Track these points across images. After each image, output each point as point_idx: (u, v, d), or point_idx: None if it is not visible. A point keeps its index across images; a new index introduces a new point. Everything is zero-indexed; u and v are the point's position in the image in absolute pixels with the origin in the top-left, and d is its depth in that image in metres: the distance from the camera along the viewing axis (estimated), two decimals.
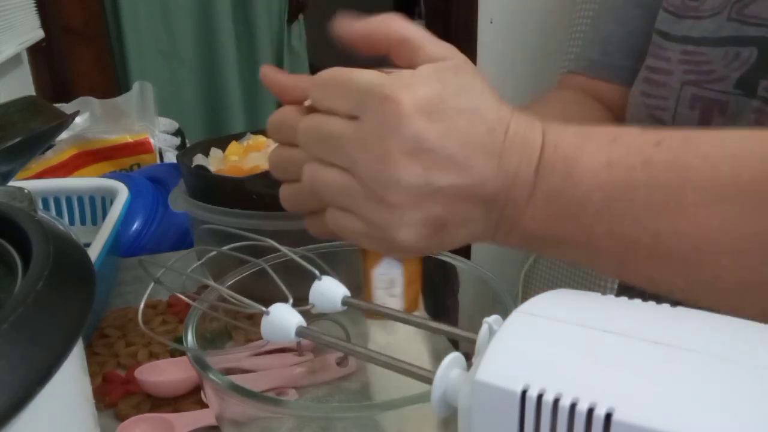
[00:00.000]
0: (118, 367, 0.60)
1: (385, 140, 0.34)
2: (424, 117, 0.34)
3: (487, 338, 0.25)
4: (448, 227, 0.37)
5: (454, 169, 0.35)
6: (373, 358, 0.30)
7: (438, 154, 0.34)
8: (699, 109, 0.53)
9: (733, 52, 0.51)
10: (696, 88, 0.53)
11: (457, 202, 0.36)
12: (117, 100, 1.31)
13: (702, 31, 0.53)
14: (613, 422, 0.20)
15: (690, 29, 0.54)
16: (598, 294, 0.26)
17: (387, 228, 0.36)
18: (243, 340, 0.49)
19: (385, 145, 0.34)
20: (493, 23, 1.78)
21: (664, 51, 0.56)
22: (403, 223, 0.35)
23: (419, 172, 0.34)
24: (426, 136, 0.34)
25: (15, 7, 1.44)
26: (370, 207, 0.36)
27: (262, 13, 2.22)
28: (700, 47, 0.53)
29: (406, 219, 0.35)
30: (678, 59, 0.54)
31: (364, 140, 0.35)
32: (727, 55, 0.51)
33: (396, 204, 0.35)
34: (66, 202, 0.83)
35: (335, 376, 0.55)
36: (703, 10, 0.53)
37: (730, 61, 0.51)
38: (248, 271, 0.46)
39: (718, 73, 0.51)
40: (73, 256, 0.28)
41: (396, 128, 0.34)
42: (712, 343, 0.22)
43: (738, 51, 0.50)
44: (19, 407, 0.21)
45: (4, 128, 0.51)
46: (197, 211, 0.65)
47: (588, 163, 0.35)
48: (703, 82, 0.52)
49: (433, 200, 0.35)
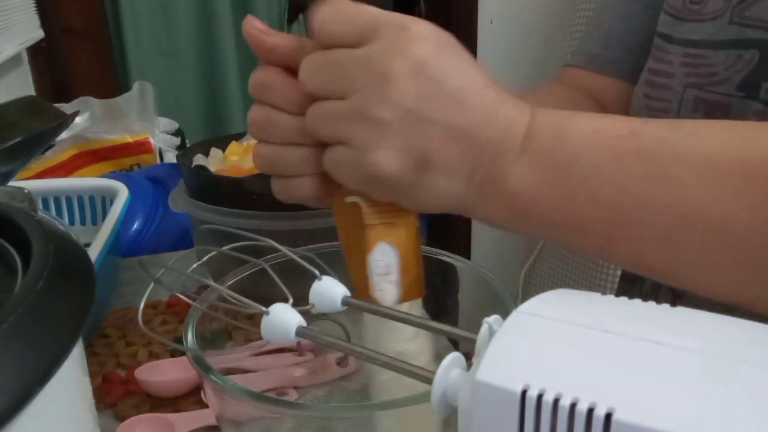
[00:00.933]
0: (118, 367, 0.60)
1: (389, 59, 0.35)
2: (434, 47, 0.35)
3: (487, 338, 0.25)
4: (430, 168, 0.36)
5: (450, 105, 0.35)
6: (373, 358, 0.30)
7: (438, 85, 0.35)
8: (702, 111, 0.53)
9: (735, 55, 0.51)
10: (698, 91, 0.53)
11: (446, 142, 0.36)
12: (117, 100, 1.31)
13: (703, 33, 0.53)
14: (613, 422, 0.20)
15: (691, 32, 0.54)
16: (598, 294, 0.26)
17: (368, 147, 0.36)
18: (243, 340, 0.49)
19: (388, 64, 0.35)
20: (493, 23, 1.78)
21: (667, 54, 0.56)
22: (385, 143, 0.35)
23: (413, 96, 0.35)
24: (431, 63, 0.35)
25: (15, 7, 1.44)
26: (357, 126, 0.36)
27: (262, 13, 2.22)
28: (701, 50, 0.53)
29: (389, 140, 0.35)
30: (680, 62, 0.54)
31: (369, 59, 0.35)
32: (728, 58, 0.51)
33: (382, 121, 0.35)
34: (66, 202, 0.83)
35: (335, 376, 0.55)
36: (704, 12, 0.53)
37: (732, 63, 0.51)
38: (248, 271, 0.46)
39: (720, 76, 0.51)
40: (73, 256, 0.28)
41: (403, 49, 0.35)
42: (712, 343, 0.22)
43: (740, 54, 0.50)
44: (19, 407, 0.21)
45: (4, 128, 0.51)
46: (197, 211, 0.65)
47: (577, 129, 0.36)
48: (706, 85, 0.52)
49: (420, 130, 0.35)
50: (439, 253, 0.47)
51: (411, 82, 0.35)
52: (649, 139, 0.35)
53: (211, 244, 0.59)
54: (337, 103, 0.36)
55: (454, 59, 0.36)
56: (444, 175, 0.36)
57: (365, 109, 0.35)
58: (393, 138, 0.35)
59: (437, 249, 0.48)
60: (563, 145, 0.36)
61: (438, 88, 0.35)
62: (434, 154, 0.36)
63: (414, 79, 0.35)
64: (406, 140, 0.35)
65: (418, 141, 0.35)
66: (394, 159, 0.36)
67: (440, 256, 0.47)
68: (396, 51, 0.35)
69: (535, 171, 0.36)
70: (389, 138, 0.35)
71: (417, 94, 0.35)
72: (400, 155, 0.36)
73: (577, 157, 0.35)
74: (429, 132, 0.35)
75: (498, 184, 0.37)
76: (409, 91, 0.35)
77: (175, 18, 2.12)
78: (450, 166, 0.36)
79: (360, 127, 0.36)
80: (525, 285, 1.81)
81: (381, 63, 0.35)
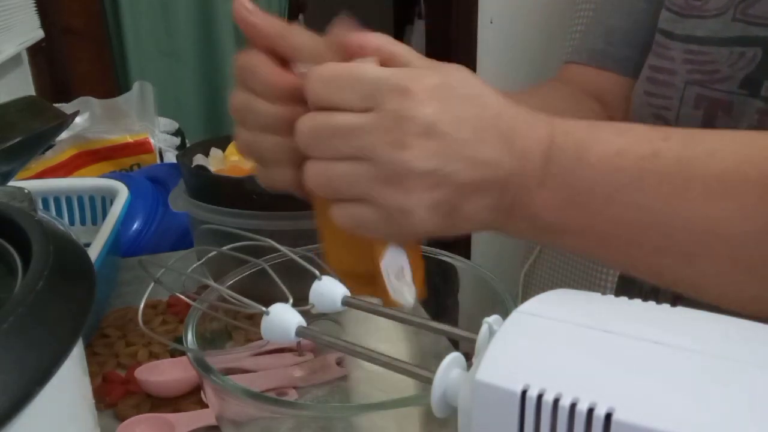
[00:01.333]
0: (118, 367, 0.60)
1: (400, 126, 0.35)
2: (436, 102, 0.35)
3: (487, 338, 0.25)
4: (460, 210, 0.37)
5: (468, 152, 0.36)
6: (373, 358, 0.30)
7: (452, 137, 0.35)
8: (703, 108, 0.53)
9: (738, 52, 0.51)
10: (700, 88, 0.53)
11: (471, 186, 0.36)
12: (117, 100, 1.31)
13: (706, 30, 0.53)
14: (613, 422, 0.20)
15: (694, 28, 0.54)
16: (598, 294, 0.26)
17: (403, 212, 0.36)
18: (243, 340, 0.49)
19: (401, 131, 0.35)
20: (493, 23, 1.78)
21: (668, 50, 0.56)
22: (419, 206, 0.36)
23: (434, 156, 0.35)
24: (440, 119, 0.35)
25: (15, 7, 1.44)
26: (386, 192, 0.36)
27: None
28: (704, 47, 0.53)
29: (422, 202, 0.36)
30: (682, 59, 0.54)
31: (381, 128, 0.35)
32: (731, 55, 0.51)
33: (412, 188, 0.36)
34: (66, 202, 0.83)
35: (335, 376, 0.55)
36: (707, 9, 0.53)
37: (735, 61, 0.51)
38: (248, 271, 0.46)
39: (722, 73, 0.51)
40: (73, 256, 0.28)
41: (410, 114, 0.35)
42: (713, 343, 0.22)
43: (743, 51, 0.50)
44: (19, 407, 0.21)
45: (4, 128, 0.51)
46: (197, 211, 0.65)
47: (599, 149, 0.36)
48: (708, 82, 0.52)
49: (447, 183, 0.36)
50: (439, 253, 0.47)
51: (427, 144, 0.35)
52: (669, 160, 0.35)
53: (211, 244, 0.59)
54: (359, 166, 0.36)
55: (463, 102, 0.36)
56: (473, 212, 0.37)
57: (390, 176, 0.36)
58: (425, 197, 0.36)
59: (437, 249, 0.48)
60: (585, 168, 0.36)
61: (453, 139, 0.35)
62: (461, 200, 0.37)
63: (428, 139, 0.35)
64: (434, 197, 0.36)
65: (444, 194, 0.36)
66: (427, 217, 0.37)
67: (440, 256, 0.47)
68: (403, 116, 0.35)
69: (558, 194, 0.37)
70: (422, 199, 0.36)
71: (435, 154, 0.35)
72: (431, 212, 0.36)
73: (600, 180, 0.36)
74: (453, 182, 0.36)
75: (523, 209, 0.38)
76: (428, 153, 0.35)
77: (175, 18, 2.12)
78: (478, 204, 0.37)
79: (391, 194, 0.36)
80: (525, 285, 1.81)
81: (392, 131, 0.35)
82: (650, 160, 0.35)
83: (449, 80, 0.37)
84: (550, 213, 0.37)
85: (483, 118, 0.36)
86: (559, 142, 0.37)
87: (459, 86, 0.37)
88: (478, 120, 0.36)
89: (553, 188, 0.37)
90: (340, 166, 0.37)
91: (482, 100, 0.37)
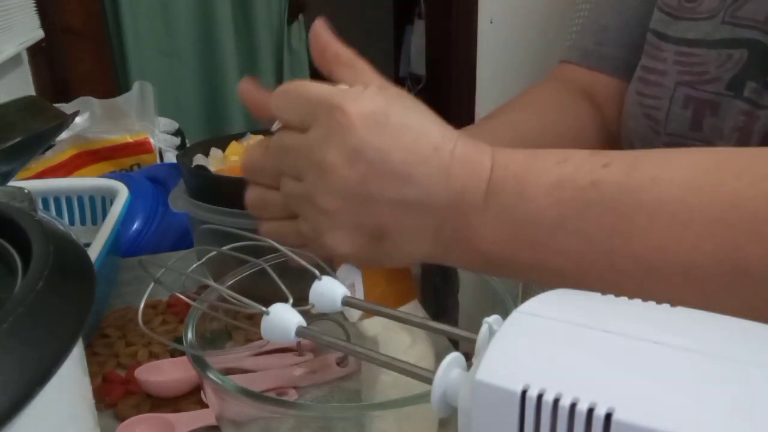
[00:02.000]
0: (118, 367, 0.60)
1: (327, 148, 0.35)
2: (368, 129, 0.35)
3: (487, 338, 0.25)
4: (388, 238, 0.37)
5: (395, 182, 0.35)
6: (373, 358, 0.30)
7: (378, 167, 0.35)
8: (691, 109, 0.53)
9: (726, 54, 0.51)
10: (689, 89, 0.53)
11: (398, 214, 0.36)
12: (117, 100, 1.31)
13: (698, 33, 0.53)
14: (613, 422, 0.20)
15: (686, 31, 0.54)
16: (598, 294, 0.26)
17: (321, 232, 0.37)
18: (243, 340, 0.49)
19: (326, 153, 0.35)
20: (493, 23, 1.78)
21: (661, 52, 0.56)
22: (335, 228, 0.37)
23: (356, 182, 0.35)
24: (367, 147, 0.35)
25: (15, 7, 1.44)
26: (311, 212, 0.37)
27: (262, 13, 2.21)
28: (694, 48, 0.53)
29: (338, 224, 0.36)
30: (673, 60, 0.55)
31: (310, 148, 0.36)
32: (720, 57, 0.51)
33: (330, 210, 0.36)
34: (66, 202, 0.83)
35: (335, 376, 0.55)
36: (699, 11, 0.53)
37: (723, 62, 0.51)
38: (248, 271, 0.46)
39: (710, 75, 0.52)
40: (73, 256, 0.28)
41: (339, 137, 0.35)
42: (713, 343, 0.22)
43: (730, 53, 0.51)
44: (19, 407, 0.21)
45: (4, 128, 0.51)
46: (197, 211, 0.65)
47: (539, 182, 0.35)
48: (697, 83, 0.52)
49: (368, 209, 0.36)
50: None
51: (349, 170, 0.35)
52: (610, 189, 0.34)
53: (211, 244, 0.59)
54: (294, 184, 0.38)
55: (395, 131, 0.36)
56: (404, 241, 0.37)
57: (312, 196, 0.36)
58: (341, 221, 0.36)
59: None
60: (525, 203, 0.35)
61: (379, 168, 0.35)
62: (388, 226, 0.36)
63: (352, 166, 0.35)
64: (355, 220, 0.36)
65: (367, 218, 0.36)
66: (346, 239, 0.37)
67: None
68: (330, 140, 0.35)
69: (500, 229, 0.36)
70: (337, 222, 0.36)
71: (358, 180, 0.35)
72: (351, 234, 0.37)
73: (541, 214, 0.35)
74: (377, 209, 0.36)
75: (465, 243, 0.37)
76: (349, 178, 0.35)
77: (175, 18, 2.12)
78: (408, 234, 0.37)
79: (311, 211, 0.37)
80: (525, 285, 1.81)
81: (318, 153, 0.36)
82: (590, 191, 0.34)
83: (390, 108, 0.36)
84: (495, 246, 0.36)
85: (416, 150, 0.36)
86: (498, 176, 0.36)
87: (398, 115, 0.36)
88: (410, 152, 0.35)
89: (495, 222, 0.36)
90: (287, 183, 0.38)
91: (420, 132, 0.36)
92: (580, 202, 0.34)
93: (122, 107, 1.27)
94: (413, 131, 0.36)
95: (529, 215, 0.35)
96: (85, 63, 1.88)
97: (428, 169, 0.36)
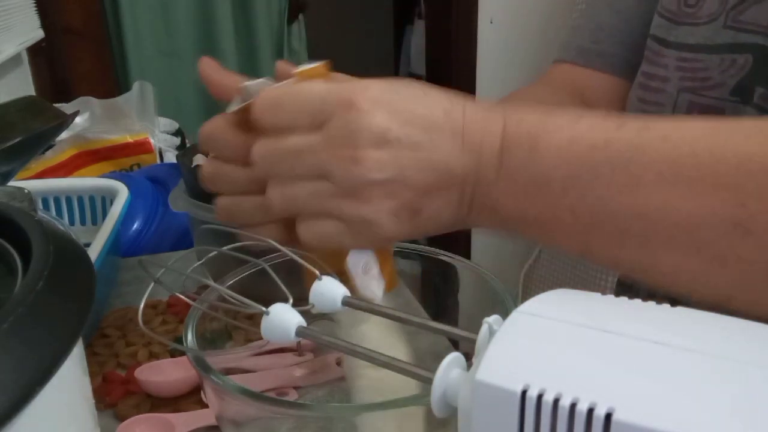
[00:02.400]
0: (118, 367, 0.60)
1: (352, 139, 0.35)
2: (383, 110, 0.35)
3: (487, 338, 0.25)
4: (423, 213, 0.37)
5: (422, 155, 0.36)
6: (373, 357, 0.30)
7: (404, 141, 0.35)
8: (695, 115, 0.53)
9: (729, 59, 0.51)
10: (693, 95, 0.53)
11: (429, 188, 0.36)
12: (117, 100, 1.31)
13: (699, 37, 0.53)
14: (613, 422, 0.20)
15: (687, 36, 0.54)
16: (598, 294, 0.26)
17: (366, 222, 0.37)
18: (243, 340, 0.49)
19: (354, 144, 0.35)
20: (493, 23, 1.78)
21: (662, 58, 0.56)
22: (381, 214, 0.36)
23: (388, 165, 0.35)
24: (389, 126, 0.35)
25: (15, 7, 1.44)
26: (347, 205, 0.37)
27: (262, 13, 2.22)
28: (696, 54, 0.53)
29: (383, 210, 0.36)
30: (675, 66, 0.54)
31: (333, 144, 0.36)
32: (723, 62, 0.51)
33: (371, 198, 0.36)
34: (66, 202, 0.83)
35: (335, 376, 0.55)
36: (699, 16, 0.53)
37: (726, 68, 0.51)
38: (248, 271, 0.46)
39: (714, 80, 0.51)
40: (73, 256, 0.28)
41: (359, 126, 0.35)
42: (713, 343, 0.22)
43: (734, 58, 0.50)
44: (19, 407, 0.21)
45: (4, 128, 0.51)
46: (197, 211, 0.65)
47: (551, 139, 0.36)
48: (700, 89, 0.52)
49: (405, 189, 0.36)
50: (439, 253, 0.47)
51: (380, 154, 0.35)
52: (622, 147, 0.35)
53: (211, 244, 0.59)
54: (316, 184, 0.37)
55: (408, 105, 0.36)
56: (436, 212, 0.38)
57: (348, 190, 0.36)
58: (385, 205, 0.36)
59: (437, 249, 0.48)
60: (539, 159, 0.36)
61: (405, 144, 0.36)
62: (423, 201, 0.37)
63: (381, 149, 0.35)
64: (396, 202, 0.36)
65: (406, 198, 0.36)
66: (390, 224, 0.37)
67: (440, 256, 0.47)
68: (352, 129, 0.35)
69: (515, 185, 0.37)
70: (379, 209, 0.36)
71: (391, 160, 0.35)
72: (393, 218, 0.37)
73: (554, 170, 0.36)
74: (412, 187, 0.36)
75: (483, 202, 0.37)
76: (382, 162, 0.35)
77: (175, 18, 2.12)
78: (439, 205, 0.37)
79: (354, 206, 0.37)
80: (525, 285, 1.81)
81: (344, 146, 0.35)
82: (602, 149, 0.35)
83: (392, 87, 0.37)
84: (508, 204, 0.37)
85: (431, 118, 0.36)
86: (511, 133, 0.37)
87: (402, 90, 0.37)
88: (426, 121, 0.36)
89: (509, 180, 0.36)
90: (299, 186, 0.38)
91: (428, 101, 0.37)
92: (591, 160, 0.35)
93: (122, 107, 1.27)
94: (422, 102, 0.37)
95: (541, 171, 0.36)
96: (85, 63, 1.88)
97: (445, 133, 0.36)
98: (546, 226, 0.37)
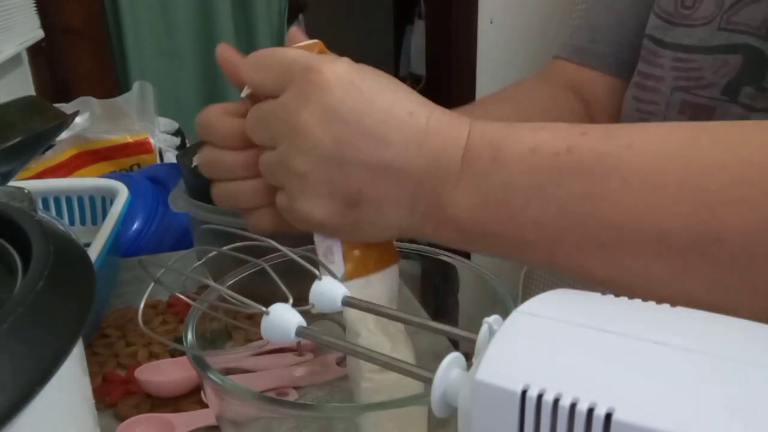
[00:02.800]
0: (118, 367, 0.60)
1: (301, 109, 0.35)
2: (343, 90, 0.35)
3: (487, 338, 0.25)
4: (363, 206, 0.36)
5: (370, 144, 0.35)
6: (372, 357, 0.30)
7: (352, 128, 0.35)
8: (687, 114, 0.53)
9: (722, 60, 0.51)
10: (685, 94, 0.53)
11: (373, 179, 0.35)
12: (117, 100, 1.31)
13: (694, 39, 0.53)
14: (613, 422, 0.20)
15: (683, 37, 0.54)
16: (598, 294, 0.26)
17: (294, 197, 0.36)
18: (243, 340, 0.49)
19: (298, 115, 0.35)
20: (493, 23, 1.78)
21: (658, 58, 0.56)
22: (308, 192, 0.36)
23: (329, 143, 0.35)
24: (341, 108, 0.34)
25: (15, 7, 1.44)
26: (284, 176, 0.36)
27: (262, 13, 2.21)
28: (690, 54, 0.53)
29: (311, 188, 0.36)
30: (670, 66, 0.55)
31: (284, 110, 0.35)
32: (716, 63, 0.51)
33: (302, 172, 0.35)
34: (66, 202, 0.83)
35: (335, 376, 0.55)
36: (695, 17, 0.54)
37: (719, 68, 0.51)
38: (248, 271, 0.46)
39: (706, 80, 0.52)
40: (73, 256, 0.28)
41: (313, 97, 0.34)
42: (713, 343, 0.22)
43: (726, 59, 0.51)
44: (19, 407, 0.21)
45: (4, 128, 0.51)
46: (197, 211, 0.65)
47: (514, 148, 0.35)
48: (693, 89, 0.53)
49: (343, 173, 0.35)
50: (439, 253, 0.47)
51: (323, 130, 0.34)
52: (585, 155, 0.34)
53: (211, 244, 0.59)
54: (269, 152, 0.37)
55: (370, 94, 0.35)
56: (381, 210, 0.36)
57: (287, 160, 0.36)
58: (315, 186, 0.36)
59: (437, 249, 0.47)
60: (500, 168, 0.35)
61: (353, 129, 0.35)
62: (363, 192, 0.36)
63: (326, 126, 0.34)
64: (330, 185, 0.35)
65: (342, 183, 0.35)
66: (321, 205, 0.36)
67: (440, 256, 0.47)
68: (303, 100, 0.35)
69: (475, 196, 0.35)
70: (311, 187, 0.36)
71: (332, 141, 0.35)
72: (326, 200, 0.36)
73: (515, 180, 0.35)
74: (353, 173, 0.35)
75: (441, 211, 0.36)
76: (323, 139, 0.35)
77: (175, 18, 2.12)
78: (384, 201, 0.36)
79: (287, 177, 0.36)
80: (525, 285, 1.81)
81: (292, 114, 0.35)
82: (565, 157, 0.34)
83: (364, 74, 0.36)
84: (470, 215, 0.36)
85: (392, 114, 0.35)
86: (474, 143, 0.36)
87: (374, 78, 0.36)
88: (385, 114, 0.35)
89: (470, 189, 0.35)
90: (266, 154, 0.38)
91: (395, 97, 0.36)
92: (554, 168, 0.34)
93: (122, 107, 1.27)
94: (389, 96, 0.36)
95: (504, 181, 0.35)
96: (85, 63, 1.88)
97: (403, 133, 0.35)
98: (508, 237, 0.36)
